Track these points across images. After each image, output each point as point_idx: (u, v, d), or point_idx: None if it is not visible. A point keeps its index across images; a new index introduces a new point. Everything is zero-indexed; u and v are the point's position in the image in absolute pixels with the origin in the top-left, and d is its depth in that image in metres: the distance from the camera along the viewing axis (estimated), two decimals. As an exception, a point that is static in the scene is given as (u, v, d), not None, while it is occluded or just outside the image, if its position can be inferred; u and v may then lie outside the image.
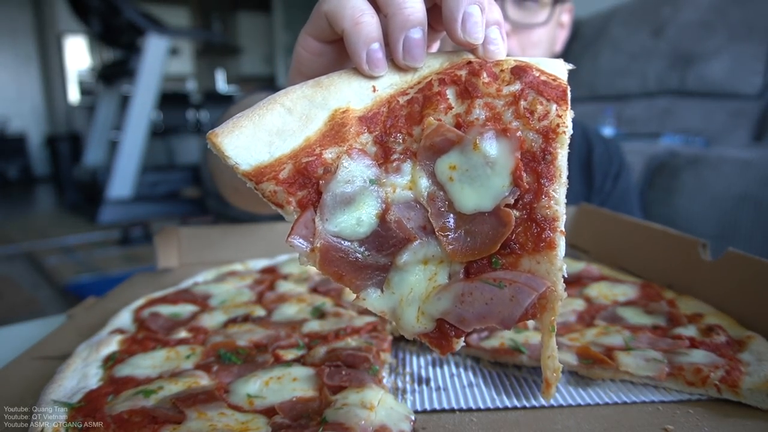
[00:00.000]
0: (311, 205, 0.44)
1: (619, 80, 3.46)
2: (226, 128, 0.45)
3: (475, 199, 0.44)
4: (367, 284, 0.45)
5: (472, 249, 0.44)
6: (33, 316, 0.98)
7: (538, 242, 0.45)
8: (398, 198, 0.45)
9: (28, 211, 8.39)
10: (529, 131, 0.45)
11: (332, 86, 0.47)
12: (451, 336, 0.44)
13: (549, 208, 0.45)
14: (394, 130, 0.46)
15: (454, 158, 0.45)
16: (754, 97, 2.93)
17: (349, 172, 0.44)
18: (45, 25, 10.84)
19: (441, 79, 0.47)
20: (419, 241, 0.44)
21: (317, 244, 0.43)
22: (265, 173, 0.44)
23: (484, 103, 0.46)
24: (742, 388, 0.56)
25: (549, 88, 0.45)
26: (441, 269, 0.45)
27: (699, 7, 3.14)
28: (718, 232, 2.09)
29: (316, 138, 0.45)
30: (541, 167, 0.45)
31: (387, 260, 0.44)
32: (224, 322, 0.77)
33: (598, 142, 1.57)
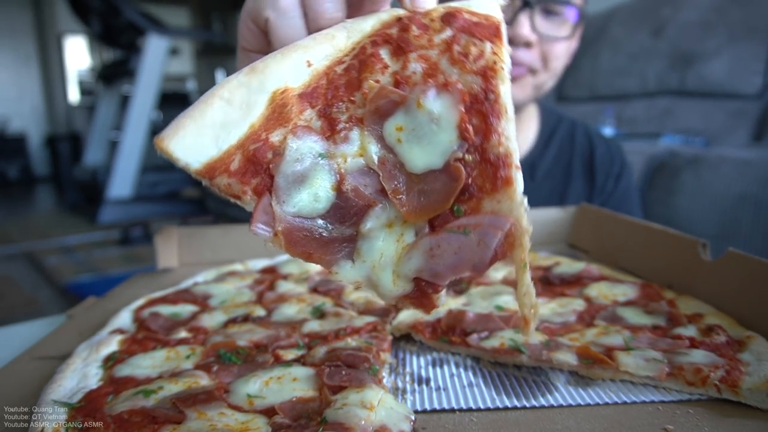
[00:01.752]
0: (266, 191, 0.44)
1: (619, 80, 3.46)
2: (170, 131, 0.44)
3: (425, 158, 0.44)
4: (337, 258, 0.45)
5: (427, 207, 0.44)
6: (33, 316, 0.98)
7: (495, 181, 0.44)
8: (351, 167, 0.45)
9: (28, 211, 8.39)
10: (468, 75, 0.45)
11: (267, 69, 0.46)
12: (429, 293, 0.44)
13: (500, 145, 0.44)
14: (336, 100, 0.46)
15: (399, 119, 0.45)
16: (754, 97, 2.93)
17: (296, 150, 0.44)
18: (45, 25, 10.84)
19: (373, 41, 0.46)
20: (380, 205, 0.44)
21: (279, 228, 0.43)
22: (217, 168, 0.44)
23: (419, 56, 0.45)
24: (742, 388, 0.56)
25: (481, 28, 0.45)
26: (406, 229, 0.45)
27: (699, 7, 3.14)
28: (718, 232, 2.09)
29: (260, 123, 0.45)
30: (485, 107, 0.44)
31: (352, 230, 0.44)
32: (224, 322, 0.77)
33: (600, 143, 1.58)
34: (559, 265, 0.95)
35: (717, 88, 3.04)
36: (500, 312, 0.77)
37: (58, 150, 9.64)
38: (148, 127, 6.72)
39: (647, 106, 3.29)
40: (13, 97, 10.82)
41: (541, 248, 1.14)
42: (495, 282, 0.91)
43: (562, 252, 1.12)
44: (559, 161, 1.54)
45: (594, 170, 1.54)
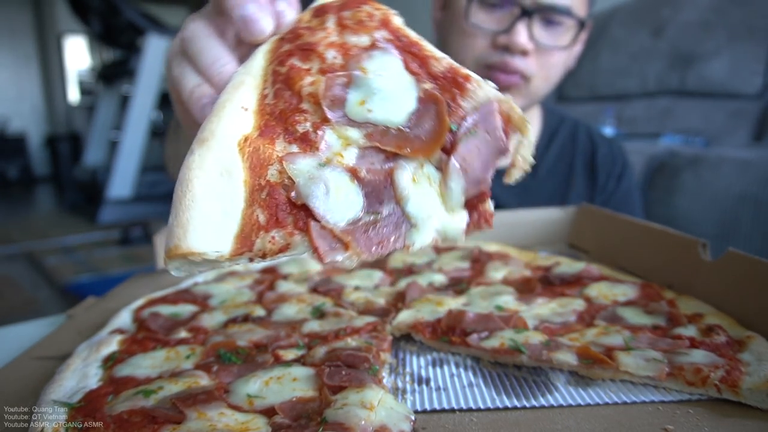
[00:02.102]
0: (308, 221, 0.43)
1: (619, 80, 3.46)
2: (178, 234, 0.42)
3: (400, 108, 0.46)
4: (401, 233, 0.45)
5: (431, 138, 0.46)
6: (33, 316, 0.98)
7: (459, 85, 0.47)
8: (350, 158, 0.46)
9: (28, 211, 8.39)
10: (374, 32, 0.48)
11: (214, 132, 0.45)
12: (481, 204, 0.47)
13: (439, 62, 0.48)
14: (291, 121, 0.47)
15: (356, 96, 0.46)
16: (754, 97, 2.93)
17: (301, 173, 0.44)
18: (45, 25, 10.84)
19: (279, 62, 0.48)
20: (397, 167, 0.45)
21: (347, 240, 0.43)
22: (248, 234, 0.43)
23: (327, 45, 0.48)
24: (742, 388, 0.56)
25: (351, 4, 0.49)
26: (428, 170, 0.46)
27: (699, 8, 3.14)
28: (718, 232, 2.09)
29: (250, 176, 0.44)
30: (407, 46, 0.48)
31: (393, 204, 0.45)
32: (224, 322, 0.77)
33: (602, 143, 1.58)
34: (559, 265, 0.95)
35: (717, 88, 3.04)
36: (500, 312, 0.77)
37: (58, 150, 9.64)
38: (148, 127, 6.72)
39: (647, 106, 3.29)
40: (13, 97, 10.81)
41: (541, 248, 1.14)
42: (495, 282, 0.91)
43: (562, 252, 1.12)
44: (561, 161, 1.54)
45: (596, 170, 1.54)
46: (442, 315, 0.76)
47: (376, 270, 0.98)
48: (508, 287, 0.87)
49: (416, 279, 0.92)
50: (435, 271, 0.96)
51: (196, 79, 0.50)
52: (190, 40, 0.51)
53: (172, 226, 0.42)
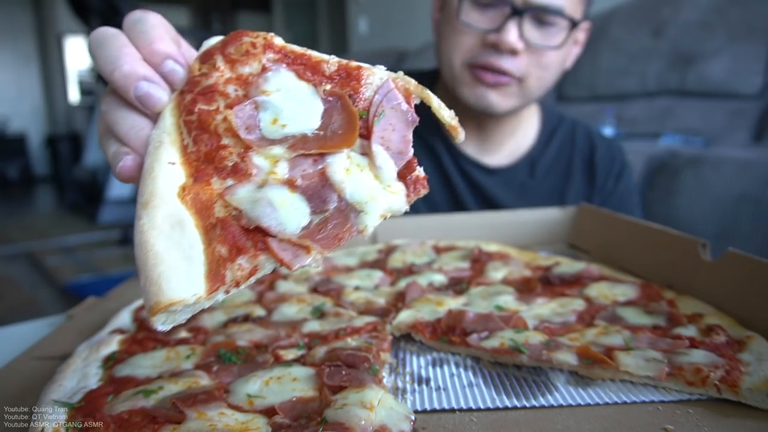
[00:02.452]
0: (266, 240, 0.47)
1: (619, 80, 3.46)
2: (153, 292, 0.44)
3: (308, 115, 0.50)
4: (351, 221, 0.48)
5: (347, 129, 0.50)
6: (33, 316, 0.98)
7: (354, 74, 0.51)
8: (282, 172, 0.49)
9: (28, 211, 8.39)
10: (261, 57, 0.52)
11: (153, 191, 0.48)
12: (412, 173, 0.50)
13: (327, 62, 0.52)
14: (217, 160, 0.50)
15: (267, 116, 0.50)
16: (754, 97, 2.93)
17: (244, 201, 0.48)
18: (45, 26, 10.84)
19: (186, 111, 0.51)
20: (326, 165, 0.49)
21: (307, 244, 0.46)
22: (216, 271, 0.46)
23: (224, 82, 0.51)
24: (741, 388, 0.56)
25: (231, 39, 0.53)
26: (355, 158, 0.50)
27: (699, 8, 3.14)
28: (718, 232, 2.09)
29: (199, 220, 0.48)
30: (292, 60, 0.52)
31: (335, 198, 0.48)
32: (224, 321, 0.77)
33: (600, 143, 1.58)
34: (559, 265, 0.95)
35: (717, 88, 3.04)
36: (500, 312, 0.77)
37: (58, 150, 9.64)
38: (148, 127, 6.71)
39: (647, 106, 3.29)
40: (13, 97, 10.81)
41: (541, 248, 1.14)
42: (495, 282, 0.91)
43: (562, 252, 1.12)
44: (559, 160, 1.54)
45: (594, 169, 1.54)
46: (442, 315, 0.76)
47: (376, 270, 0.98)
48: (508, 287, 0.87)
49: (416, 279, 0.92)
50: (435, 271, 0.96)
51: (117, 145, 0.54)
52: (107, 112, 0.55)
53: (146, 286, 0.44)
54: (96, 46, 0.54)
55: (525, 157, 1.52)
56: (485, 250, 1.04)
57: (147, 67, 0.52)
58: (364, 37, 7.25)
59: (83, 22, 6.94)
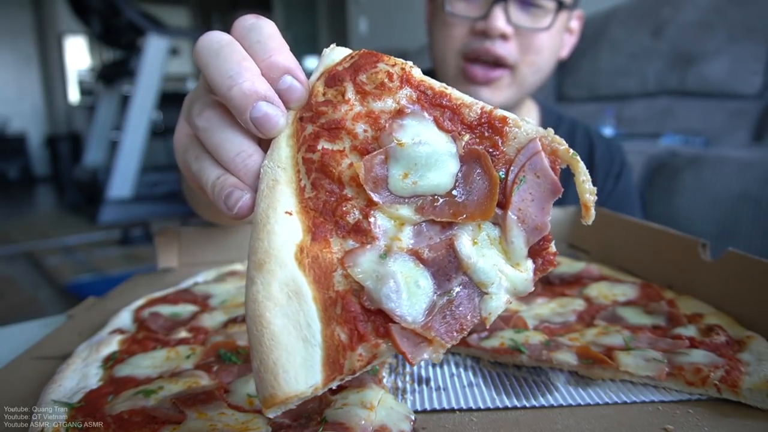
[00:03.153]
0: (387, 324, 0.41)
1: (619, 80, 3.46)
2: (271, 380, 0.39)
3: (443, 174, 0.43)
4: (475, 305, 0.43)
5: (483, 198, 0.43)
6: (33, 316, 0.98)
7: (497, 129, 0.45)
8: (407, 238, 0.43)
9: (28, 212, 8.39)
10: (397, 94, 0.45)
11: (268, 250, 0.42)
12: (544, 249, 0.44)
13: (470, 109, 0.45)
14: (338, 213, 0.44)
15: (398, 170, 0.43)
16: (754, 98, 2.93)
17: (365, 274, 0.42)
18: (45, 26, 10.84)
19: (307, 148, 0.45)
20: (456, 239, 0.43)
21: (430, 337, 0.41)
22: (334, 359, 0.40)
23: (353, 118, 0.45)
24: (741, 388, 0.56)
25: (363, 60, 0.46)
26: (485, 229, 0.44)
27: (699, 8, 3.14)
28: (718, 232, 2.09)
29: (317, 291, 0.42)
30: (433, 99, 0.45)
31: (461, 277, 0.43)
32: (224, 321, 0.77)
33: (600, 143, 1.58)
34: (559, 265, 0.95)
35: (717, 88, 3.04)
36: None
37: (58, 150, 9.64)
38: (148, 127, 6.72)
39: (647, 106, 3.29)
40: (13, 97, 10.81)
41: (541, 248, 1.14)
42: (495, 282, 0.91)
43: (562, 252, 1.12)
44: None
45: (594, 169, 1.54)
46: (442, 315, 0.76)
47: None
48: (508, 287, 0.87)
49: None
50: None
51: (218, 170, 0.48)
52: (207, 130, 0.48)
53: (261, 373, 0.40)
54: (210, 54, 0.47)
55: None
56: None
57: (267, 86, 0.46)
58: (364, 37, 7.25)
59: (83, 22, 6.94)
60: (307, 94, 0.46)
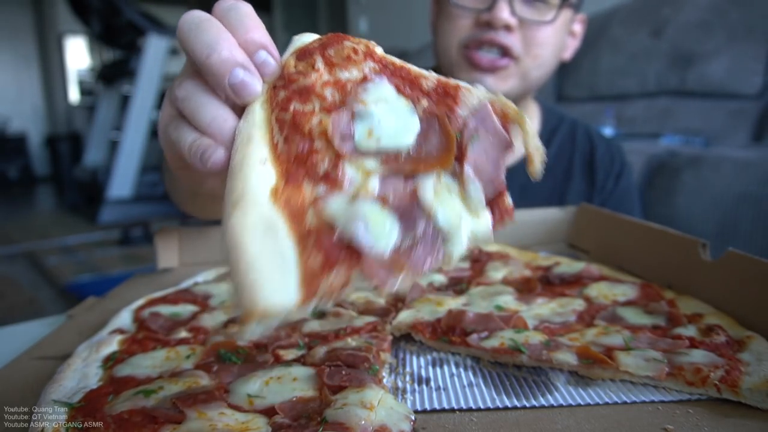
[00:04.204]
0: (357, 255, 0.45)
1: (619, 80, 3.46)
2: (248, 297, 0.42)
3: (406, 131, 0.49)
4: (438, 247, 0.47)
5: (442, 150, 0.49)
6: (33, 316, 0.98)
7: (452, 95, 0.50)
8: (374, 187, 0.48)
9: (28, 211, 8.39)
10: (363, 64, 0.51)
11: (243, 192, 0.46)
12: (500, 200, 0.50)
13: (427, 80, 0.51)
14: (310, 163, 0.48)
15: (363, 126, 0.48)
16: (754, 98, 2.93)
17: (337, 214, 0.46)
18: (45, 26, 10.84)
19: (280, 109, 0.49)
20: (419, 188, 0.48)
21: (400, 264, 0.45)
22: (311, 279, 0.44)
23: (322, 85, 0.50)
24: (741, 388, 0.56)
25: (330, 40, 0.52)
26: (445, 180, 0.49)
27: (699, 8, 3.14)
28: (718, 232, 2.09)
29: (292, 225, 0.46)
30: (395, 71, 0.51)
31: (424, 221, 0.47)
32: (224, 322, 0.77)
33: (600, 143, 1.58)
34: (559, 265, 0.95)
35: (717, 88, 3.04)
36: (500, 312, 0.77)
37: (58, 150, 9.64)
38: (148, 127, 6.72)
39: (647, 106, 3.29)
40: (13, 97, 10.82)
41: (541, 248, 1.14)
42: (495, 282, 0.91)
43: (562, 252, 1.12)
44: (559, 160, 1.54)
45: (594, 169, 1.54)
46: (442, 315, 0.76)
47: (376, 270, 0.98)
48: (508, 287, 0.87)
49: (416, 279, 0.92)
50: (435, 271, 0.96)
51: (195, 134, 0.50)
52: (186, 99, 0.51)
53: (239, 293, 0.42)
54: (191, 28, 0.50)
55: (525, 158, 1.51)
56: (485, 250, 1.04)
57: (244, 55, 0.50)
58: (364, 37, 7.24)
59: (83, 22, 6.94)
60: (280, 68, 0.51)
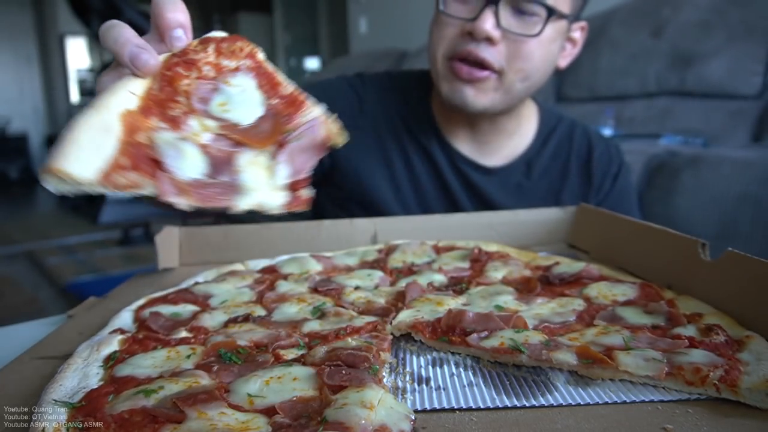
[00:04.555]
0: (159, 171, 0.59)
1: (619, 81, 3.46)
2: (57, 156, 0.54)
3: (251, 113, 0.64)
4: (230, 195, 0.61)
5: (270, 135, 0.63)
6: (34, 316, 0.98)
7: (297, 106, 0.66)
8: (205, 138, 0.62)
9: (29, 211, 8.40)
10: (241, 60, 0.66)
11: (106, 101, 0.59)
12: (299, 190, 0.64)
13: (284, 87, 0.67)
14: (166, 107, 0.62)
15: (219, 99, 0.64)
16: (754, 98, 2.93)
17: (163, 141, 0.60)
18: (46, 26, 10.85)
19: (167, 67, 0.64)
20: (240, 152, 0.62)
21: (186, 189, 0.58)
22: (111, 171, 0.57)
23: (205, 63, 0.65)
24: (741, 388, 0.56)
25: (229, 39, 0.67)
26: (263, 158, 0.63)
27: (698, 8, 3.14)
28: (718, 232, 2.09)
29: (123, 135, 0.58)
30: (263, 72, 0.67)
31: (229, 175, 0.61)
32: (225, 321, 0.77)
33: (598, 143, 1.58)
34: (558, 265, 0.95)
35: (716, 88, 3.04)
36: (500, 312, 0.78)
37: (59, 150, 9.62)
38: (149, 127, 6.71)
39: (647, 107, 3.29)
40: (14, 98, 10.83)
41: (540, 248, 1.15)
42: (495, 282, 0.91)
43: (561, 252, 1.12)
44: (556, 160, 1.54)
45: (591, 169, 1.53)
46: (442, 315, 0.76)
47: (377, 270, 0.98)
48: (508, 287, 0.87)
49: (416, 279, 0.92)
50: (435, 271, 0.96)
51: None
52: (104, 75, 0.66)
53: (53, 152, 0.54)
54: (104, 30, 0.66)
55: (521, 157, 1.51)
56: (485, 250, 1.05)
57: (140, 40, 0.64)
58: (364, 38, 7.25)
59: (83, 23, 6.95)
60: (187, 44, 0.66)
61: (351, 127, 1.64)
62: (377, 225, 1.18)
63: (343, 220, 1.19)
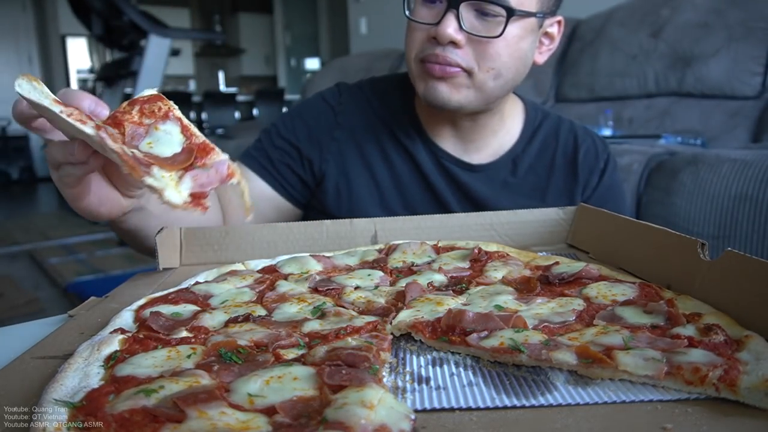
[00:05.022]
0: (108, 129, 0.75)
1: (618, 81, 3.46)
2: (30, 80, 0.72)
3: (170, 150, 0.78)
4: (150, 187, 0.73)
5: (179, 165, 0.77)
6: (34, 315, 0.98)
7: (206, 150, 0.80)
8: (129, 153, 0.73)
9: (30, 211, 8.40)
10: (160, 119, 0.81)
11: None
12: (199, 198, 0.77)
13: (197, 137, 0.81)
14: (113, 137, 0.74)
15: (148, 139, 0.79)
16: (753, 98, 2.93)
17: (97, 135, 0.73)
18: (47, 27, 10.86)
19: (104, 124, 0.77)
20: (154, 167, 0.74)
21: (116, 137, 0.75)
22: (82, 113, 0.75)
23: (130, 122, 0.79)
24: (740, 387, 0.57)
25: (151, 100, 0.81)
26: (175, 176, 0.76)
27: (698, 8, 3.14)
28: (717, 232, 2.09)
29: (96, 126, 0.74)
30: (184, 125, 0.81)
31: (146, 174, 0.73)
32: (225, 321, 0.78)
33: (585, 139, 1.56)
34: (558, 264, 0.95)
35: (716, 89, 3.04)
36: (500, 311, 0.78)
37: (59, 150, 9.63)
38: (149, 127, 6.71)
39: (646, 107, 3.29)
40: (15, 98, 10.80)
41: (540, 248, 1.15)
42: (495, 282, 0.91)
43: (561, 252, 1.12)
44: (541, 157, 1.53)
45: (577, 165, 1.52)
46: (441, 314, 0.76)
47: (377, 270, 0.98)
48: (508, 287, 0.88)
49: (416, 279, 0.92)
50: (435, 271, 0.97)
51: None
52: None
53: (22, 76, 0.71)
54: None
55: (507, 154, 1.51)
56: (485, 250, 1.05)
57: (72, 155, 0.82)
58: (365, 38, 7.26)
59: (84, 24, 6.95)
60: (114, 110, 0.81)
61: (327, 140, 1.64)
62: (377, 225, 1.19)
63: (343, 220, 1.19)
